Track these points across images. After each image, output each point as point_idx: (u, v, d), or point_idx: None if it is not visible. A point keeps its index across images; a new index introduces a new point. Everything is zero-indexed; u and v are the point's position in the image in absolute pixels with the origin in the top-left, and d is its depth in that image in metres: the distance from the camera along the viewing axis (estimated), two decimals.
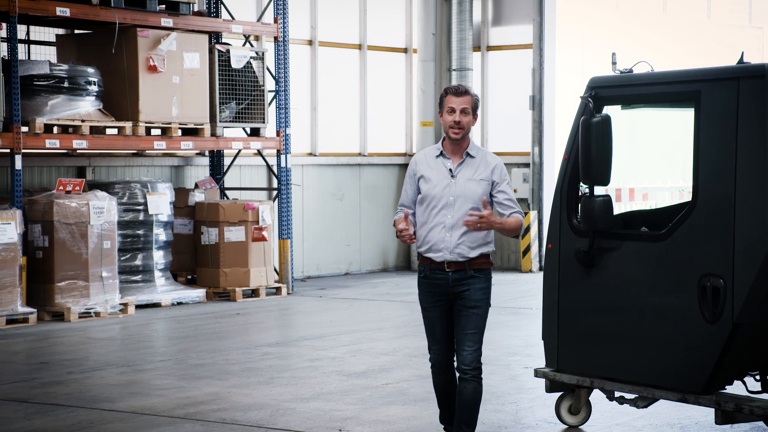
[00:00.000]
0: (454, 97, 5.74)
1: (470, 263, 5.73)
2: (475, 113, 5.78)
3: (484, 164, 5.79)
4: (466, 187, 5.74)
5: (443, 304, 5.80)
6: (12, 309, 10.89)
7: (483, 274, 5.77)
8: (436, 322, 5.84)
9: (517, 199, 16.67)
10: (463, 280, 5.73)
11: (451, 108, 5.73)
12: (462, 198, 5.72)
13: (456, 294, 5.75)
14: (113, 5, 11.98)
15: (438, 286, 5.77)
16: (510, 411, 7.23)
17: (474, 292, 5.73)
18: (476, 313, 5.73)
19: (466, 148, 5.81)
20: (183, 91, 12.71)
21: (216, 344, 10.01)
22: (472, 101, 5.75)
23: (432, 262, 5.76)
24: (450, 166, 5.77)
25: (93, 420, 7.01)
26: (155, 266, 12.60)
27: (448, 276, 5.74)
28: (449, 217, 5.72)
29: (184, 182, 14.37)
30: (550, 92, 16.46)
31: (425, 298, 5.85)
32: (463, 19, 16.65)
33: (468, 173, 5.76)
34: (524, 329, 10.80)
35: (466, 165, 5.78)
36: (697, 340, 5.93)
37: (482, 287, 5.76)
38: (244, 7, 14.87)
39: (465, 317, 5.74)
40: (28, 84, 11.49)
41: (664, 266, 6.08)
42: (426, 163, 5.83)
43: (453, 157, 5.80)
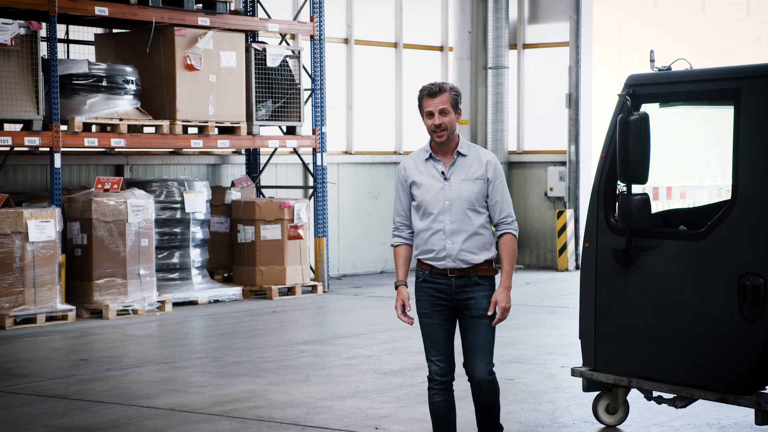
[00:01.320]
0: (429, 99, 5.36)
1: (474, 269, 5.38)
2: (457, 109, 5.38)
3: (478, 161, 5.41)
4: (462, 188, 5.37)
5: (445, 310, 5.42)
6: (51, 306, 10.99)
7: (488, 281, 5.42)
8: (437, 329, 5.43)
9: (553, 198, 16.83)
10: (467, 287, 5.38)
11: (429, 111, 5.36)
12: (458, 201, 5.36)
13: (460, 302, 5.40)
14: (151, 4, 12.06)
15: (440, 291, 5.41)
16: (546, 410, 7.21)
17: (480, 301, 5.38)
18: (485, 323, 5.39)
19: (456, 147, 5.43)
20: (219, 90, 12.77)
21: (252, 342, 10.05)
22: (451, 98, 5.35)
23: (433, 267, 5.41)
24: (441, 169, 5.40)
25: (131, 416, 7.06)
26: (192, 264, 12.67)
27: (451, 282, 5.38)
28: (448, 223, 5.36)
29: (220, 180, 14.44)
30: (586, 90, 16.38)
31: (424, 303, 5.44)
32: (499, 17, 16.61)
33: (461, 173, 5.39)
34: (561, 328, 10.76)
35: (458, 165, 5.41)
36: (737, 339, 5.88)
37: (488, 294, 5.40)
38: (281, 6, 14.92)
39: (473, 329, 5.40)
40: (67, 83, 11.60)
41: (703, 265, 6.04)
42: (416, 167, 5.44)
43: (443, 158, 5.42)
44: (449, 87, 5.37)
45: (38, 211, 10.93)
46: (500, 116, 16.86)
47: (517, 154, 17.14)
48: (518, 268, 16.79)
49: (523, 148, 17.16)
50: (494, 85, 16.80)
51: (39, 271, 10.86)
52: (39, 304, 10.87)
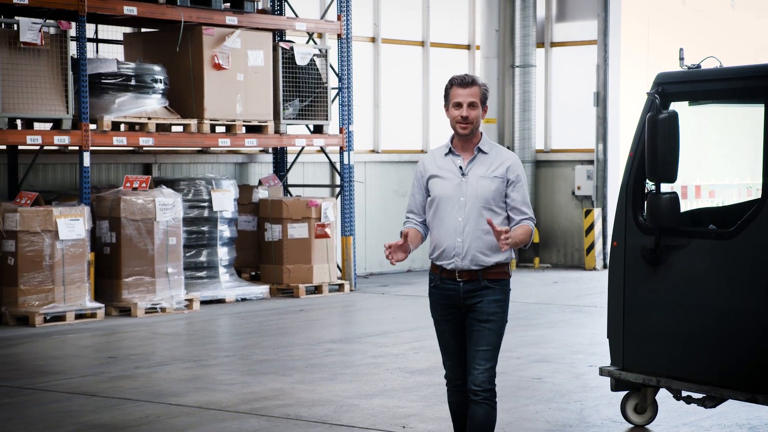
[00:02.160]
0: (460, 89, 5.19)
1: (484, 273, 5.15)
2: (484, 105, 5.21)
3: (498, 160, 5.22)
4: (479, 185, 5.17)
5: (455, 317, 5.24)
6: (80, 304, 11.06)
7: (499, 285, 5.18)
8: (448, 335, 5.27)
9: (581, 196, 16.77)
10: (475, 292, 5.16)
11: (458, 102, 5.19)
12: (474, 198, 5.15)
13: (468, 307, 5.20)
14: (179, 4, 12.11)
15: (448, 298, 5.22)
16: (574, 409, 7.19)
17: (487, 305, 5.15)
18: (489, 327, 5.14)
19: (477, 143, 5.25)
20: (247, 89, 12.81)
21: (280, 340, 10.08)
22: (481, 92, 5.19)
23: (443, 270, 5.21)
24: (460, 164, 5.22)
25: (160, 414, 7.10)
26: (220, 262, 12.72)
27: (459, 287, 5.18)
28: (460, 220, 5.16)
29: (247, 179, 14.49)
30: (614, 88, 16.31)
31: (436, 310, 5.30)
32: (526, 15, 16.57)
33: (480, 170, 5.19)
34: (588, 327, 10.72)
35: (477, 161, 5.22)
36: (767, 338, 5.84)
37: (497, 299, 5.17)
38: (308, 5, 14.94)
39: (476, 332, 5.16)
40: (96, 82, 11.67)
41: (732, 264, 6.00)
42: (434, 162, 5.29)
43: (463, 153, 5.25)
44: (481, 82, 5.23)
45: (68, 210, 11.00)
46: (527, 115, 16.82)
47: (544, 153, 17.09)
48: (545, 267, 16.74)
49: (551, 147, 17.11)
50: (521, 84, 16.76)
51: (68, 269, 10.93)
52: (68, 302, 10.95)
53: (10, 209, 10.87)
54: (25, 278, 10.78)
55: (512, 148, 16.98)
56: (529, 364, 8.78)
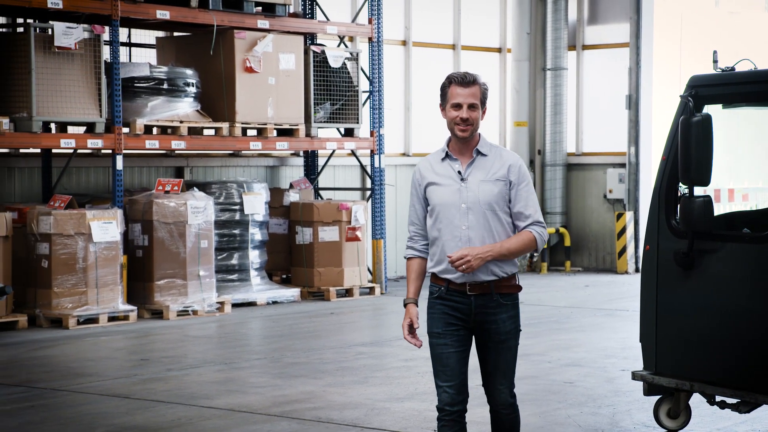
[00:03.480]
0: (459, 88, 4.86)
1: (497, 286, 4.84)
2: (484, 106, 4.89)
3: (499, 162, 4.89)
4: (480, 190, 4.84)
5: (460, 330, 4.86)
6: (113, 307, 11.13)
7: (511, 299, 4.89)
8: (450, 352, 4.84)
9: (613, 200, 16.68)
10: (488, 308, 4.84)
11: (456, 103, 4.87)
12: (477, 204, 4.83)
13: (479, 324, 4.86)
14: (211, 8, 12.17)
15: (457, 311, 4.85)
16: (607, 414, 7.15)
17: (503, 324, 4.86)
18: (508, 347, 4.89)
19: (476, 145, 4.92)
20: (278, 92, 12.85)
21: (311, 343, 10.09)
22: (481, 92, 4.87)
23: (450, 282, 4.85)
24: (458, 168, 4.90)
25: (192, 416, 7.13)
26: (251, 265, 12.76)
27: (470, 301, 4.83)
28: (464, 229, 4.82)
29: (279, 182, 14.53)
30: (646, 91, 16.23)
31: (437, 322, 4.86)
32: (558, 18, 16.52)
33: (480, 174, 4.87)
34: (620, 331, 10.66)
35: (477, 165, 4.90)
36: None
37: (511, 315, 4.89)
38: (339, 8, 14.97)
39: (494, 352, 4.89)
40: (129, 86, 11.75)
41: (766, 267, 5.94)
42: (431, 168, 4.96)
43: (461, 157, 4.92)
44: (481, 81, 4.90)
45: (101, 213, 11.07)
46: (559, 118, 16.77)
47: (576, 156, 17.03)
48: (576, 271, 16.67)
49: (582, 150, 17.04)
50: (553, 87, 16.71)
51: (101, 271, 11.00)
52: (101, 304, 11.02)
53: (44, 212, 10.95)
54: (59, 281, 10.86)
55: (543, 152, 16.93)
56: (560, 368, 8.74)
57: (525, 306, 12.61)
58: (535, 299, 13.37)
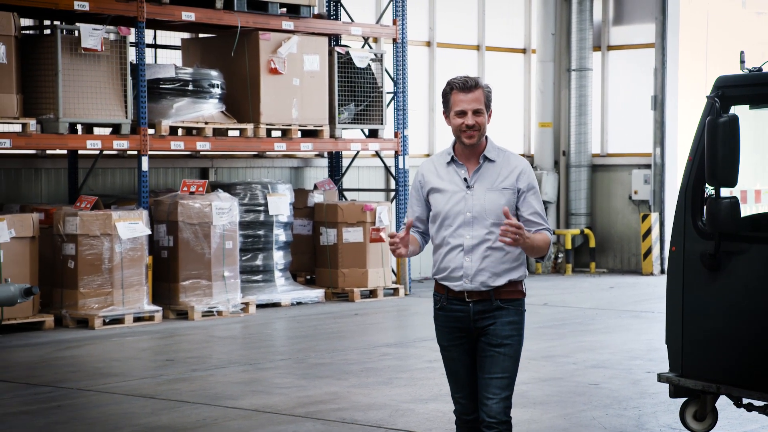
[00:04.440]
0: (462, 95, 4.68)
1: (497, 292, 4.69)
2: (489, 109, 4.71)
3: (507, 169, 4.71)
4: (486, 199, 4.67)
5: (465, 341, 4.75)
6: (139, 307, 11.18)
7: (513, 305, 4.72)
8: (458, 364, 4.78)
9: (638, 201, 16.60)
10: (487, 313, 4.69)
11: (461, 111, 4.69)
12: (482, 213, 4.66)
13: (479, 330, 4.72)
14: (236, 9, 12.21)
15: (457, 320, 4.73)
16: (632, 416, 7.12)
17: (500, 327, 4.68)
18: (503, 353, 4.68)
19: (483, 150, 4.74)
20: (303, 93, 12.87)
21: (335, 344, 10.10)
22: (485, 96, 4.70)
23: (449, 290, 4.73)
24: (464, 175, 4.72)
25: (217, 417, 7.15)
26: (275, 266, 12.78)
27: (468, 308, 4.70)
28: (467, 238, 4.66)
29: (303, 183, 14.55)
30: (672, 92, 16.16)
31: (442, 335, 4.80)
32: (583, 19, 16.47)
33: (487, 182, 4.69)
34: (646, 333, 10.61)
35: (484, 172, 4.71)
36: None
37: (511, 321, 4.70)
38: (363, 9, 14.98)
39: (489, 358, 4.69)
40: (154, 87, 11.80)
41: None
42: (435, 172, 4.78)
43: (467, 163, 4.74)
44: (483, 84, 4.72)
45: (126, 214, 11.13)
46: (584, 119, 16.72)
47: (600, 157, 16.97)
48: (601, 272, 16.61)
49: (607, 151, 16.98)
50: (578, 88, 16.66)
51: (127, 272, 11.05)
52: (127, 304, 11.07)
53: (70, 213, 11.02)
54: (85, 281, 10.92)
55: (568, 153, 16.88)
56: (585, 370, 8.71)
57: (549, 307, 12.66)
58: (559, 300, 13.33)
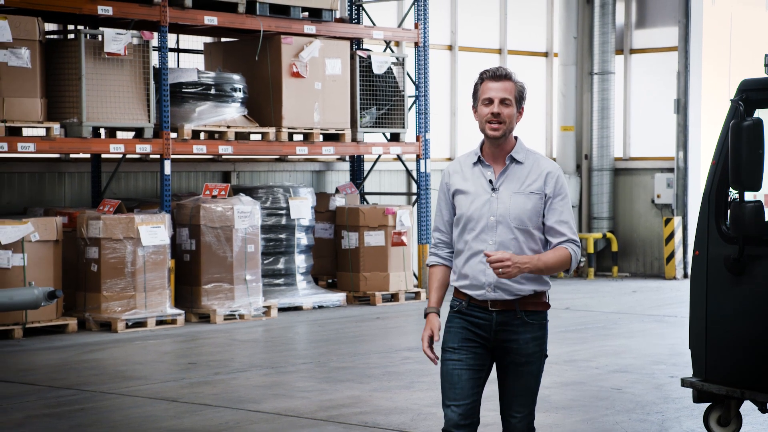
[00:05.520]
0: (492, 83, 4.46)
1: (521, 303, 4.48)
2: (520, 106, 4.50)
3: (536, 172, 4.49)
4: (512, 202, 4.45)
5: (478, 348, 4.53)
6: (161, 310, 11.21)
7: (537, 319, 4.52)
8: (463, 369, 4.52)
9: (661, 205, 16.52)
10: (510, 326, 4.49)
11: (488, 98, 4.45)
12: (506, 217, 4.45)
13: (500, 343, 4.52)
14: (258, 13, 12.24)
15: (476, 327, 4.52)
16: (655, 421, 7.09)
17: (525, 345, 4.49)
18: (529, 371, 4.51)
19: (510, 151, 4.52)
20: (324, 97, 12.89)
21: (356, 348, 10.10)
22: (516, 89, 4.48)
23: (471, 298, 4.52)
24: (490, 176, 4.50)
25: (239, 420, 7.17)
26: (297, 270, 12.80)
27: (491, 317, 4.49)
28: (490, 244, 4.45)
29: (324, 187, 14.57)
30: (695, 95, 16.08)
31: (453, 337, 4.54)
32: (605, 22, 16.42)
33: (514, 184, 4.48)
34: (669, 337, 10.56)
35: (511, 173, 4.50)
36: None
37: (536, 336, 4.51)
38: (385, 13, 14.99)
39: (513, 376, 4.54)
40: (177, 91, 11.84)
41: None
42: (461, 173, 4.56)
43: (494, 164, 4.52)
44: (516, 78, 4.51)
45: (149, 217, 11.17)
46: (606, 122, 16.67)
47: (623, 161, 16.91)
48: (624, 276, 16.55)
49: (630, 155, 16.92)
50: (600, 91, 16.61)
51: (149, 275, 11.09)
52: (149, 308, 11.11)
53: (93, 217, 11.07)
54: (108, 284, 10.97)
55: (590, 156, 16.83)
56: (608, 374, 8.68)
57: (572, 311, 12.62)
58: (582, 305, 13.29)
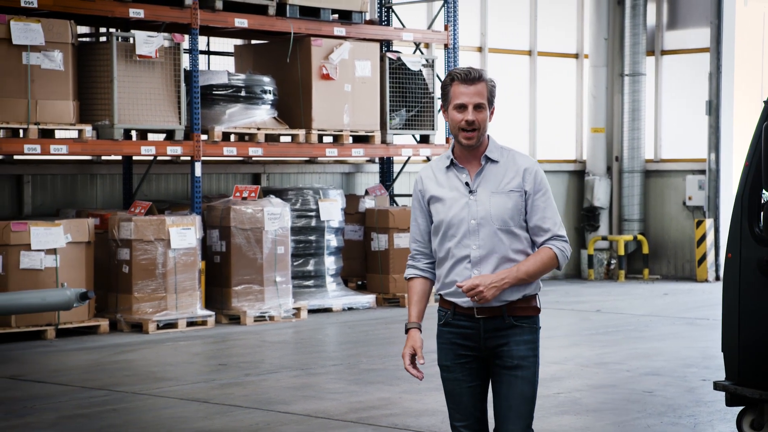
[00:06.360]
0: (463, 87, 4.21)
1: (509, 308, 4.24)
2: (492, 105, 4.29)
3: (513, 169, 4.27)
4: (492, 203, 4.22)
5: (472, 362, 4.29)
6: (192, 312, 11.26)
7: (528, 322, 4.26)
8: (462, 387, 4.30)
9: (692, 207, 16.42)
10: (499, 331, 4.24)
11: (461, 104, 4.22)
12: (488, 219, 4.21)
13: (491, 350, 4.26)
14: (288, 15, 12.27)
15: (465, 338, 4.28)
16: (687, 424, 7.04)
17: (516, 348, 4.24)
18: (521, 376, 4.24)
19: (484, 151, 4.31)
20: (354, 99, 12.90)
21: (386, 350, 10.10)
22: (488, 90, 4.25)
23: (456, 306, 4.30)
24: (466, 179, 4.27)
25: (269, 421, 7.18)
26: (327, 272, 12.82)
27: (478, 325, 4.25)
28: (474, 248, 4.22)
29: (354, 189, 14.58)
30: (727, 97, 15.97)
31: (446, 354, 4.33)
32: (636, 23, 16.33)
33: (492, 184, 4.25)
34: (701, 340, 10.49)
35: (487, 174, 4.28)
36: None
37: (527, 339, 4.25)
38: (415, 15, 14.98)
39: (506, 383, 4.25)
40: (207, 93, 11.89)
41: None
42: (434, 178, 4.32)
43: (468, 165, 4.30)
44: (487, 77, 4.26)
45: (179, 219, 11.22)
46: (637, 124, 16.58)
47: (654, 163, 16.82)
48: (655, 279, 16.45)
49: (661, 157, 16.83)
50: (631, 93, 16.52)
51: (180, 277, 11.14)
52: (180, 309, 11.15)
53: (124, 218, 11.13)
54: (139, 286, 11.02)
55: (621, 158, 16.75)
56: (639, 377, 8.63)
57: (602, 314, 12.56)
58: (612, 307, 13.22)
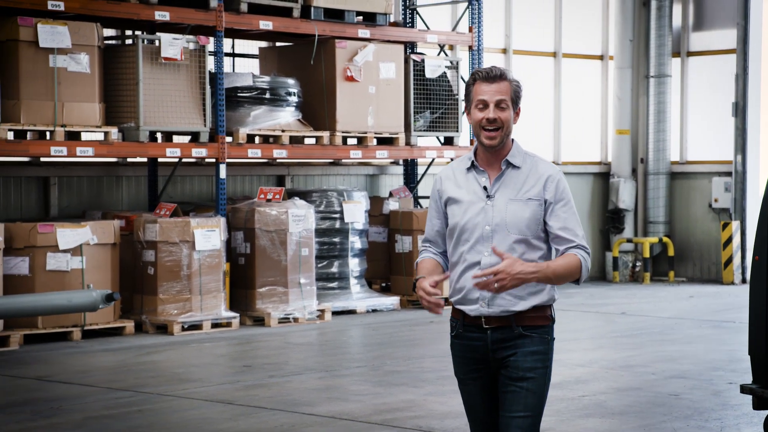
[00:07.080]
0: (485, 85, 4.09)
1: (518, 318, 4.13)
2: (516, 106, 4.17)
3: (534, 176, 4.15)
4: (509, 211, 4.10)
5: (483, 374, 4.20)
6: (216, 313, 11.29)
7: (538, 332, 4.15)
8: (475, 399, 4.25)
9: (718, 209, 16.33)
10: (507, 342, 4.13)
11: (482, 101, 4.10)
12: (503, 227, 4.09)
13: (498, 361, 4.16)
14: (313, 18, 12.29)
15: (474, 350, 4.19)
16: (714, 428, 7.00)
17: (522, 358, 4.11)
18: (526, 387, 4.10)
19: (506, 155, 4.19)
20: (378, 101, 12.90)
21: (411, 351, 10.09)
22: (512, 89, 4.12)
23: (465, 316, 4.20)
24: (485, 183, 4.16)
25: (294, 423, 7.19)
26: (351, 273, 12.82)
27: (486, 336, 4.16)
28: (485, 255, 4.11)
29: (378, 191, 14.58)
30: (754, 98, 15.87)
31: (459, 367, 4.27)
32: (662, 25, 16.26)
33: (510, 191, 4.13)
34: (727, 343, 10.43)
35: (507, 179, 4.16)
36: None
37: (536, 351, 4.14)
38: (439, 17, 14.97)
39: (510, 394, 4.12)
40: (232, 96, 11.92)
41: None
42: (453, 179, 4.21)
43: (489, 169, 4.18)
44: (511, 77, 4.14)
45: (204, 221, 11.25)
46: (662, 126, 16.50)
47: (679, 165, 16.73)
48: (680, 281, 16.36)
49: (686, 159, 16.74)
50: (656, 94, 16.45)
51: (205, 278, 11.17)
52: (205, 311, 11.19)
53: (150, 220, 11.17)
54: (164, 287, 11.06)
55: (646, 160, 16.67)
56: (665, 380, 8.59)
57: (627, 316, 12.51)
58: (638, 310, 13.16)
